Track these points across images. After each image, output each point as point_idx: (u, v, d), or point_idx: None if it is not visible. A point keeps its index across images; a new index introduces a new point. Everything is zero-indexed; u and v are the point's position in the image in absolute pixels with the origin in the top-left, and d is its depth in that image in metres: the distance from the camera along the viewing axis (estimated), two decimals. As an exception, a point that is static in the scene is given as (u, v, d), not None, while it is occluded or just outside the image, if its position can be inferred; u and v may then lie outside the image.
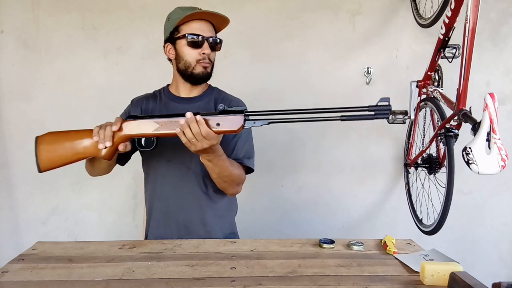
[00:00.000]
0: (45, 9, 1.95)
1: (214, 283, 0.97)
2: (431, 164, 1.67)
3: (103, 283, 0.97)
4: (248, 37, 1.99)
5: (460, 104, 1.32)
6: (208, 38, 1.26)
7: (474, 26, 1.24)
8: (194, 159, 1.29)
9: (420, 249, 1.21)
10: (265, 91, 2.01)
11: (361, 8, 2.00)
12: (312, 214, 2.11)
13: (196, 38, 1.25)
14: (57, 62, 1.98)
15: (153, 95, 1.41)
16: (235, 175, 1.26)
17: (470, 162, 1.14)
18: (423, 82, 1.74)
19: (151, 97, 1.40)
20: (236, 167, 1.28)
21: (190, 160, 1.30)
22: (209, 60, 1.29)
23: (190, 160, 1.30)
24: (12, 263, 1.07)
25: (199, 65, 1.28)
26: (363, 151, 2.10)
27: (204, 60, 1.27)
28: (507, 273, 2.14)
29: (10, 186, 2.07)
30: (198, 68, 1.28)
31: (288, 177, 2.11)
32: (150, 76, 1.95)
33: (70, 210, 2.10)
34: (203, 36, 1.26)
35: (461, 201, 2.07)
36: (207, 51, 1.26)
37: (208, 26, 1.28)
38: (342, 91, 2.04)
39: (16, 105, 2.00)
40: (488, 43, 1.99)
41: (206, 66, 1.29)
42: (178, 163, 1.32)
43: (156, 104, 1.37)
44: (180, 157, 1.30)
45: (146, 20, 1.96)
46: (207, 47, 1.26)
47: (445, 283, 0.93)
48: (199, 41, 1.25)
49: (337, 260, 1.11)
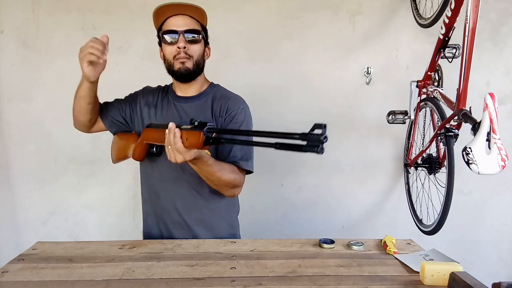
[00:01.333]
0: (45, 9, 1.95)
1: (214, 283, 0.97)
2: (431, 164, 1.67)
3: (103, 283, 0.97)
4: (248, 37, 1.99)
5: (460, 104, 1.32)
6: (183, 32, 1.24)
7: (474, 26, 1.24)
8: None
9: (420, 249, 1.21)
10: (265, 91, 2.01)
11: (361, 8, 1.99)
12: (312, 214, 2.11)
13: (171, 34, 1.25)
14: (57, 62, 1.98)
15: (162, 89, 1.42)
16: (225, 180, 1.23)
17: (470, 162, 1.14)
18: (423, 82, 1.74)
19: (161, 91, 1.41)
20: (228, 171, 1.24)
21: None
22: (187, 54, 1.26)
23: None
24: (12, 263, 1.08)
25: (177, 62, 1.27)
26: (363, 151, 2.10)
27: (179, 54, 1.25)
28: (507, 273, 2.14)
29: (10, 186, 2.07)
30: (176, 65, 1.27)
31: (288, 177, 2.11)
32: (150, 76, 1.92)
33: (70, 210, 2.10)
34: (177, 31, 1.24)
35: (461, 201, 2.07)
36: (181, 44, 1.24)
37: (184, 19, 1.26)
38: (342, 91, 2.04)
39: (16, 105, 2.00)
40: (488, 43, 1.99)
41: (183, 62, 1.26)
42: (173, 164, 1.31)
43: (161, 100, 1.38)
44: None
45: (146, 20, 1.93)
46: (182, 41, 1.24)
47: (445, 283, 0.93)
48: (174, 37, 1.25)
49: (337, 260, 1.11)
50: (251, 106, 1.43)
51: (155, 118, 1.35)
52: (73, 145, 2.04)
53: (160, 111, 1.36)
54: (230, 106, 1.32)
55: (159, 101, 1.38)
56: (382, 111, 1.91)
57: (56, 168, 2.06)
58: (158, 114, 1.35)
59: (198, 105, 1.34)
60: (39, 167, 2.05)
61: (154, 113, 1.36)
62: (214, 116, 1.32)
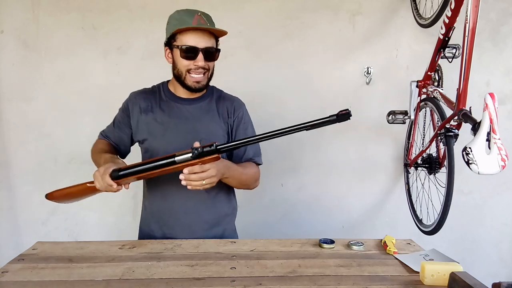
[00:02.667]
0: (45, 9, 1.95)
1: (214, 283, 0.97)
2: (431, 164, 1.67)
3: (103, 283, 0.97)
4: (248, 37, 1.99)
5: (460, 104, 1.32)
6: (202, 49, 1.22)
7: (474, 26, 1.24)
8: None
9: (420, 249, 1.21)
10: (265, 91, 2.01)
11: (361, 8, 1.99)
12: (312, 214, 2.11)
13: (190, 50, 1.22)
14: (57, 62, 1.98)
15: (151, 91, 1.39)
16: (251, 177, 1.33)
17: (470, 162, 1.14)
18: (423, 82, 1.74)
19: (150, 93, 1.38)
20: (249, 168, 1.33)
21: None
22: (204, 69, 1.25)
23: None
24: (12, 263, 1.07)
25: (190, 76, 1.25)
26: (363, 151, 2.10)
27: (197, 70, 1.24)
28: (507, 273, 2.14)
29: (10, 186, 2.07)
30: (190, 80, 1.26)
31: (288, 177, 2.11)
32: (150, 76, 1.92)
33: (70, 210, 2.10)
34: (197, 48, 1.22)
35: (461, 201, 2.07)
36: (200, 63, 1.23)
37: (204, 35, 1.23)
38: (342, 91, 2.04)
39: (16, 105, 2.00)
40: (488, 43, 1.99)
41: (198, 80, 1.26)
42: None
43: (156, 102, 1.35)
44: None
45: (146, 20, 1.96)
46: (201, 59, 1.23)
47: (445, 283, 0.93)
48: (193, 53, 1.22)
49: (337, 260, 1.11)
50: (251, 106, 1.44)
51: (155, 122, 1.32)
52: (73, 145, 2.04)
53: (159, 114, 1.33)
54: (236, 108, 1.38)
55: (155, 105, 1.35)
56: (382, 111, 1.91)
57: (56, 168, 2.06)
58: (158, 118, 1.33)
59: (203, 106, 1.35)
60: (39, 167, 2.05)
61: (152, 118, 1.33)
62: (222, 117, 1.36)
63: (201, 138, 1.26)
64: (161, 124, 1.32)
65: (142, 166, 1.13)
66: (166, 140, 1.31)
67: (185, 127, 1.31)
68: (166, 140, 1.31)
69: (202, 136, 1.28)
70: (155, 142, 1.32)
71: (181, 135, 1.30)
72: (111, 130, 1.41)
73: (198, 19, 1.21)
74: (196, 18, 1.21)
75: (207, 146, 1.05)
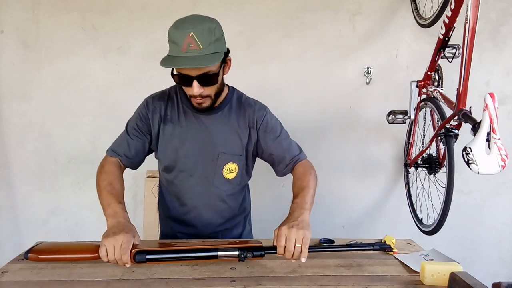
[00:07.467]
0: (45, 9, 1.95)
1: (214, 283, 0.97)
2: (431, 164, 1.67)
3: (103, 283, 0.97)
4: (248, 37, 1.99)
5: (460, 104, 1.32)
6: (197, 77, 1.07)
7: (474, 26, 1.24)
8: (217, 175, 1.26)
9: (420, 249, 1.21)
10: (265, 91, 2.00)
11: (361, 8, 1.99)
12: (312, 214, 2.09)
13: (183, 79, 1.09)
14: (57, 62, 1.98)
15: (169, 96, 1.26)
16: (316, 183, 1.23)
17: (470, 162, 1.14)
18: (423, 82, 1.74)
19: (168, 100, 1.26)
20: (311, 177, 1.23)
21: (213, 175, 1.27)
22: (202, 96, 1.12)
23: (213, 175, 1.27)
24: (12, 263, 1.07)
25: (192, 100, 1.16)
26: (363, 151, 2.10)
27: (195, 98, 1.13)
28: (507, 273, 2.14)
29: (10, 186, 2.07)
30: (193, 102, 1.16)
31: (288, 177, 2.10)
32: (150, 76, 1.95)
33: (70, 210, 2.10)
34: (190, 76, 1.07)
35: (461, 201, 2.07)
36: (196, 91, 1.09)
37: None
38: (342, 91, 2.04)
39: (16, 105, 2.00)
40: (488, 43, 1.99)
41: (200, 103, 1.14)
42: (201, 178, 1.27)
43: (175, 111, 1.24)
44: (201, 173, 1.27)
45: (146, 20, 1.96)
46: (196, 86, 1.08)
47: (445, 283, 0.94)
48: (187, 82, 1.09)
49: (337, 260, 1.11)
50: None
51: (174, 133, 1.24)
52: (73, 145, 2.04)
53: (177, 125, 1.24)
54: (258, 117, 1.26)
55: (174, 114, 1.24)
56: (382, 111, 1.91)
57: (56, 168, 2.06)
58: (177, 129, 1.23)
59: (222, 116, 1.25)
60: (39, 167, 2.05)
61: (172, 128, 1.23)
62: (242, 128, 1.26)
63: (219, 152, 1.24)
64: (178, 136, 1.24)
65: (176, 254, 1.00)
66: (183, 152, 1.24)
67: (203, 140, 1.24)
68: (183, 152, 1.24)
69: (220, 149, 1.24)
70: (172, 154, 1.26)
71: (198, 147, 1.24)
72: (124, 144, 1.25)
73: (188, 43, 1.02)
74: (186, 42, 1.02)
75: (255, 248, 1.01)
